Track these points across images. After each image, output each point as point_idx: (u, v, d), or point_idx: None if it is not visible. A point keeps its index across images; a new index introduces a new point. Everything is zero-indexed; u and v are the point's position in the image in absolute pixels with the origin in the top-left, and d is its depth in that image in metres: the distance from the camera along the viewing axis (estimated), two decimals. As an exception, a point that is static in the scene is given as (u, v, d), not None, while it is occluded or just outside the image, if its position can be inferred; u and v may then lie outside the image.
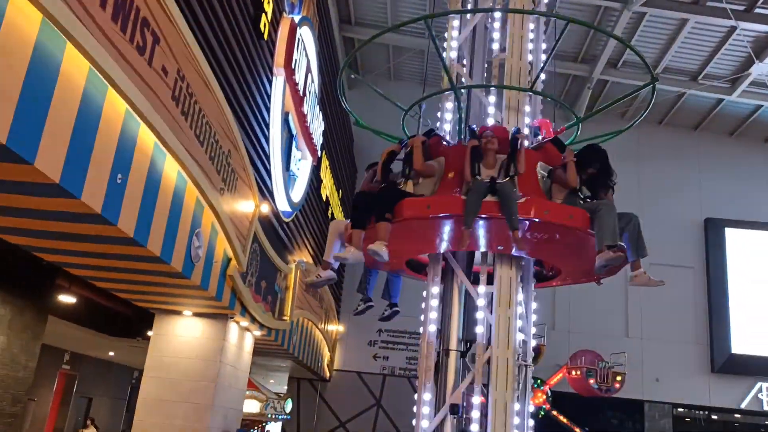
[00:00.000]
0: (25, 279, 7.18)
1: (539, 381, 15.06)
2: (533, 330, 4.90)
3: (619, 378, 15.39)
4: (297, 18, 8.69)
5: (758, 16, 13.61)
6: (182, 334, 7.29)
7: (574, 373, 15.49)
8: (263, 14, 7.28)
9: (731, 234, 18.03)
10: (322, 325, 13.15)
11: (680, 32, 14.55)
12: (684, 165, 18.39)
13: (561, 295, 17.18)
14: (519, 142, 4.46)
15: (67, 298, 7.70)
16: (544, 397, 15.29)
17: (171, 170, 4.91)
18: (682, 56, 15.62)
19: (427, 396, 4.54)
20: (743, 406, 17.26)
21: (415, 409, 4.58)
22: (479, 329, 4.57)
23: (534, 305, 4.93)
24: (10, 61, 2.95)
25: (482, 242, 4.53)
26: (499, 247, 4.58)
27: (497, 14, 5.32)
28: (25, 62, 3.05)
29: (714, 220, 18.09)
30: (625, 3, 13.52)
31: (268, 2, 7.49)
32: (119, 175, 4.10)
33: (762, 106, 17.05)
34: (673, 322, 17.31)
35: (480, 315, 4.59)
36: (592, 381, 15.28)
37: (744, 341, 17.21)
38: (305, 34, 9.37)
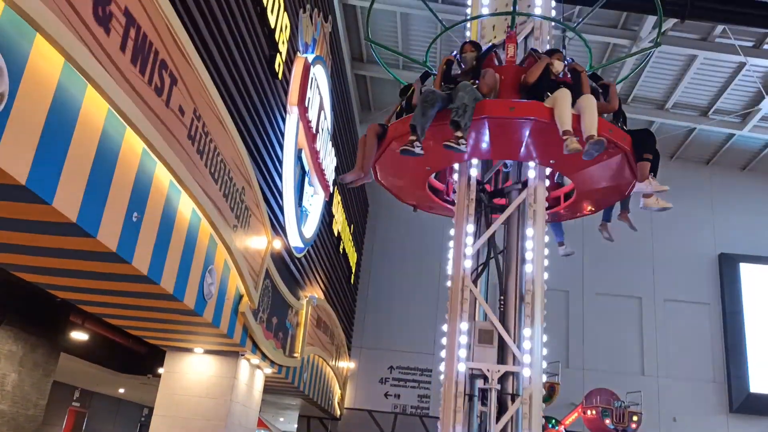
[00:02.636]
0: (38, 316, 7.20)
1: (554, 421, 14.78)
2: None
3: (635, 418, 15.05)
4: (311, 57, 8.83)
5: (767, 52, 13.70)
6: (193, 371, 7.24)
7: (589, 412, 15.17)
8: (278, 54, 7.41)
9: (746, 269, 17.82)
10: (333, 362, 13.02)
11: (690, 68, 14.64)
12: (697, 199, 18.30)
13: (574, 332, 16.99)
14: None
15: (79, 335, 7.70)
16: (560, 437, 14.99)
17: (185, 208, 4.94)
18: (692, 91, 15.69)
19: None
20: (763, 446, 16.83)
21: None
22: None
23: (544, 337, 4.94)
24: (32, 103, 3.01)
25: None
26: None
27: None
28: (47, 104, 3.11)
29: (728, 256, 17.91)
30: (633, 39, 13.66)
31: (283, 43, 7.63)
32: (135, 214, 4.13)
33: (774, 140, 17.04)
34: (689, 359, 17.02)
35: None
36: (608, 421, 14.95)
37: (762, 380, 16.86)
38: (318, 72, 9.51)
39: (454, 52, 5.40)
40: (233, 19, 6.04)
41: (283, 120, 8.14)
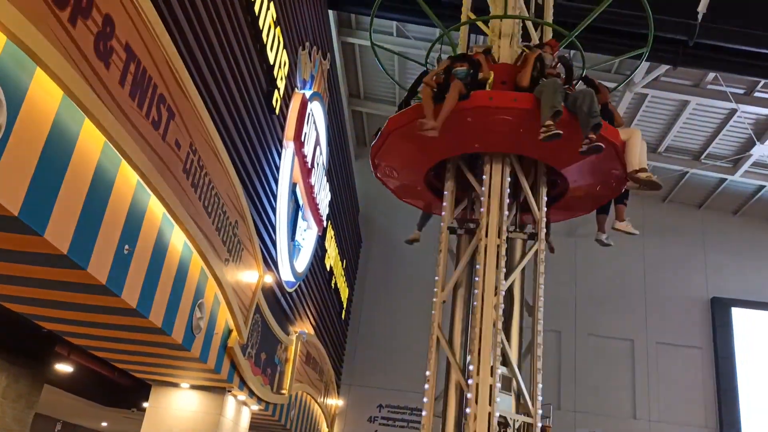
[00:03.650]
0: (23, 347, 7.10)
1: (544, 463, 14.52)
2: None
3: (627, 462, 14.82)
4: (308, 93, 8.93)
5: (758, 99, 13.93)
6: (178, 407, 7.11)
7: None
8: (276, 90, 7.48)
9: (738, 314, 17.79)
10: (322, 399, 12.83)
11: (682, 113, 14.86)
12: (689, 243, 18.37)
13: (566, 373, 16.83)
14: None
15: (64, 367, 7.58)
16: (550, 480, 14.71)
17: (177, 241, 4.93)
18: (685, 136, 15.89)
19: None
20: (757, 495, 16.56)
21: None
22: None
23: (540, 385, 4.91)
24: (29, 135, 3.02)
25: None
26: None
27: None
28: (44, 136, 3.12)
29: (720, 300, 17.90)
30: (627, 84, 13.88)
31: (281, 79, 7.72)
32: (126, 246, 4.11)
33: (765, 186, 17.19)
34: (681, 403, 16.86)
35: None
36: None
37: (754, 426, 16.68)
38: (315, 108, 9.60)
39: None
40: (233, 55, 6.11)
41: (279, 154, 8.18)
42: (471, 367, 4.74)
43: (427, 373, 4.96)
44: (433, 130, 4.90)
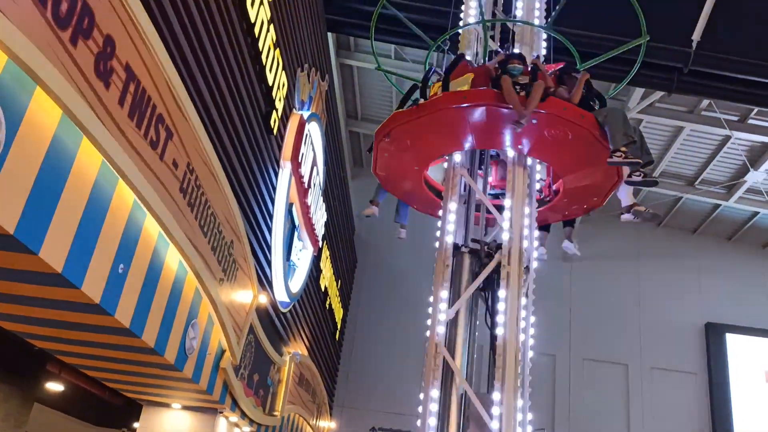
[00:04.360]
0: (13, 365, 7.03)
1: (538, 489, 14.37)
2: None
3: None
4: (306, 114, 8.97)
5: (752, 126, 14.06)
6: (169, 427, 7.04)
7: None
8: (274, 111, 7.52)
9: (732, 340, 17.76)
10: (314, 421, 12.71)
11: (677, 139, 14.98)
12: (683, 267, 18.39)
13: (561, 397, 16.74)
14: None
15: (55, 386, 7.50)
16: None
17: (172, 260, 4.91)
18: (679, 161, 16.00)
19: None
20: None
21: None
22: None
23: (530, 416, 4.89)
24: (27, 153, 3.03)
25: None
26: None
27: None
28: (42, 155, 3.12)
29: (715, 325, 17.88)
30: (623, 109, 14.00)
31: (280, 100, 7.77)
32: (121, 266, 4.10)
33: (759, 212, 17.28)
34: (675, 429, 16.74)
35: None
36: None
37: (750, 453, 16.59)
38: (313, 129, 9.64)
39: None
40: (232, 76, 6.15)
41: (276, 175, 8.19)
42: (495, 397, 4.71)
43: (421, 396, 4.92)
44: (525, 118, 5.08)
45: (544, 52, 6.56)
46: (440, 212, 5.78)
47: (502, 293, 5.09)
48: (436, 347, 5.01)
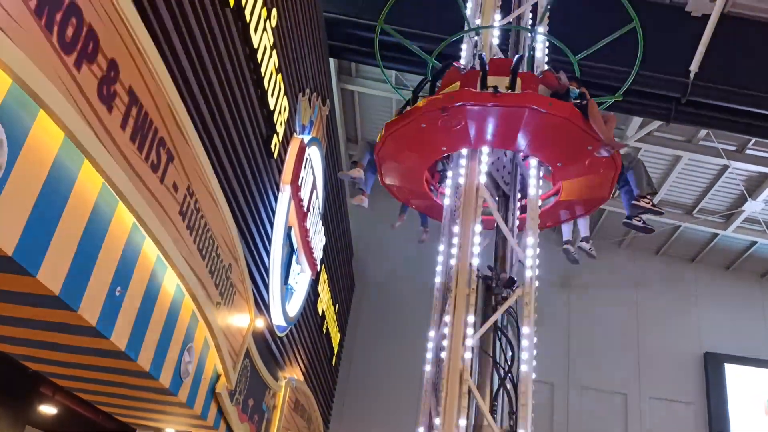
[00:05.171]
0: (6, 386, 6.94)
1: None
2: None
3: None
4: (307, 138, 9.02)
5: (749, 156, 14.14)
6: (162, 453, 6.94)
7: None
8: (275, 135, 7.56)
9: (731, 370, 17.63)
10: (309, 447, 12.54)
11: (675, 168, 15.05)
12: (682, 296, 18.34)
13: (559, 426, 16.56)
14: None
15: (48, 409, 7.40)
16: None
17: (170, 284, 4.89)
18: (677, 190, 16.05)
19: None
20: None
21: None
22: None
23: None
24: (28, 175, 3.03)
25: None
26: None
27: None
28: (42, 177, 3.13)
29: (713, 355, 17.77)
30: (620, 138, 14.08)
31: (281, 124, 7.81)
32: (118, 288, 4.08)
33: (757, 242, 17.28)
34: (675, 461, 16.57)
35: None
36: None
37: (750, 486, 16.37)
38: (313, 152, 9.69)
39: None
40: (234, 101, 6.20)
41: (276, 198, 8.21)
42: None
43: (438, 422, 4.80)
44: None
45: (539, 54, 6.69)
46: (453, 228, 5.62)
47: (525, 330, 5.05)
48: (461, 374, 4.69)
